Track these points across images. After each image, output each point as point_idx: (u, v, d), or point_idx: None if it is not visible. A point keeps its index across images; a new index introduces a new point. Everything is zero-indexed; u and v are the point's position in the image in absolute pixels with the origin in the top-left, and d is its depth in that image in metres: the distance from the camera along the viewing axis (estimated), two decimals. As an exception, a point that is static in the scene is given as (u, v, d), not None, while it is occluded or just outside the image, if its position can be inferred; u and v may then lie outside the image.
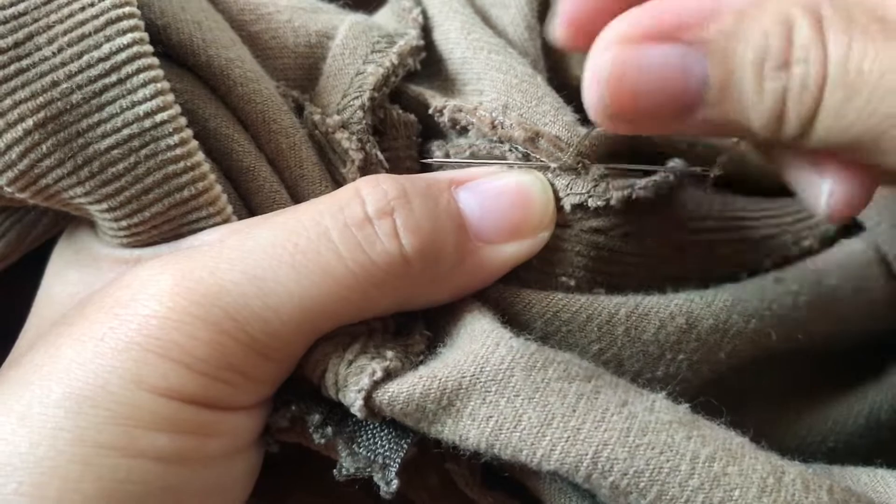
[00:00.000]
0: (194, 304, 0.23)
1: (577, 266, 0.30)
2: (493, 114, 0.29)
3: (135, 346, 0.23)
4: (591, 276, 0.30)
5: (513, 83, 0.30)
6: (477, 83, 0.31)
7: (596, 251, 0.30)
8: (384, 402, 0.25)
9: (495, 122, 0.29)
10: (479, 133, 0.30)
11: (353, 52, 0.31)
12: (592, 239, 0.30)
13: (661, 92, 0.22)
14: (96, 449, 0.22)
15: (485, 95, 0.30)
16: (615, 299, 0.29)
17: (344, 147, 0.29)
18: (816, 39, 0.20)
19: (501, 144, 0.30)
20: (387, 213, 0.26)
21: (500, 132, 0.29)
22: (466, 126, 0.30)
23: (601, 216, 0.29)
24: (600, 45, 0.23)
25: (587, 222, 0.29)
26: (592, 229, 0.29)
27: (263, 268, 0.24)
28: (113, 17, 0.25)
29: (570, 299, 0.29)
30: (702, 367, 0.30)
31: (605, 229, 0.29)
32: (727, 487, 0.23)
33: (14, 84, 0.25)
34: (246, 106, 0.29)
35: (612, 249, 0.30)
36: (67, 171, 0.25)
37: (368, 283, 0.25)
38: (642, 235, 0.30)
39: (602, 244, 0.30)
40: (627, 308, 0.29)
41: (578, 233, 0.30)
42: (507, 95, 0.30)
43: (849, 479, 0.27)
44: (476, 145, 0.30)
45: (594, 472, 0.23)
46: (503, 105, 0.30)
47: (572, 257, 0.30)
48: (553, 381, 0.25)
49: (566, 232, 0.29)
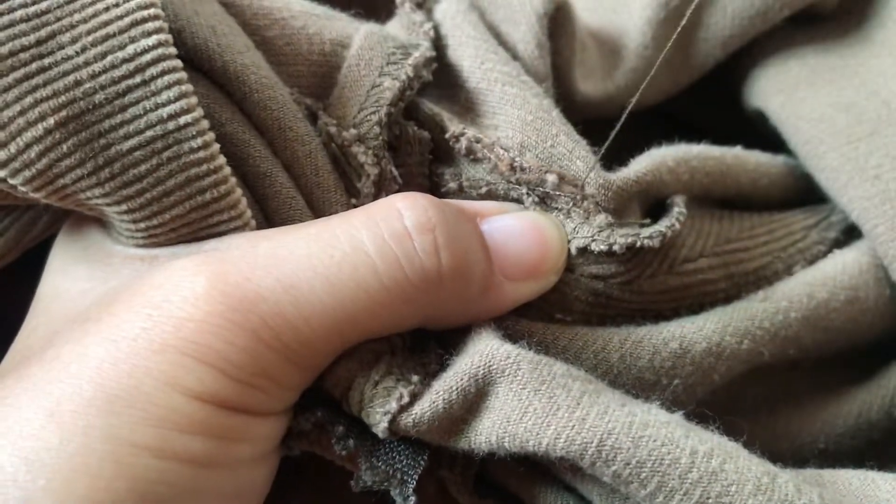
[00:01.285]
0: (231, 310, 0.23)
1: (574, 310, 0.30)
2: (510, 153, 0.30)
3: (170, 348, 0.23)
4: (586, 319, 0.31)
5: (527, 120, 0.30)
6: (492, 118, 0.31)
7: (594, 297, 0.30)
8: (408, 425, 0.26)
9: (514, 164, 0.30)
10: (495, 170, 0.30)
11: (369, 63, 0.31)
12: (592, 285, 0.30)
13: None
14: (129, 448, 0.22)
15: (500, 131, 0.31)
16: (609, 329, 0.30)
17: (360, 161, 0.30)
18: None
19: (518, 186, 0.30)
20: (428, 230, 0.26)
21: (519, 175, 0.30)
22: (481, 159, 0.30)
23: (602, 263, 0.30)
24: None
25: (588, 268, 0.30)
26: (592, 275, 0.30)
27: (299, 277, 0.24)
28: (138, 18, 0.25)
29: (566, 328, 0.29)
30: (696, 389, 0.30)
31: (605, 276, 0.30)
32: (724, 483, 0.23)
33: (35, 82, 0.24)
34: (262, 112, 0.29)
35: (610, 297, 0.30)
36: (87, 171, 0.25)
37: (400, 299, 0.25)
38: (640, 283, 0.30)
39: (601, 291, 0.30)
40: (620, 336, 0.29)
41: (579, 277, 0.30)
42: (522, 133, 0.30)
43: (840, 482, 0.27)
44: (493, 185, 0.30)
45: (598, 459, 0.24)
46: (519, 143, 0.30)
47: (571, 301, 0.30)
48: (558, 377, 0.25)
49: (568, 276, 0.30)
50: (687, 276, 0.31)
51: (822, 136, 0.35)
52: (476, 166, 0.31)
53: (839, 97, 0.36)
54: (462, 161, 0.31)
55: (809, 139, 0.35)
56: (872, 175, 0.33)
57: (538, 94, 0.31)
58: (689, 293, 0.32)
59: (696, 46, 0.38)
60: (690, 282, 0.31)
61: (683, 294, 0.31)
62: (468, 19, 0.34)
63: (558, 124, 0.31)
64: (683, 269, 0.31)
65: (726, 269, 0.32)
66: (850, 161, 0.34)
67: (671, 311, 0.31)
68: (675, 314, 0.31)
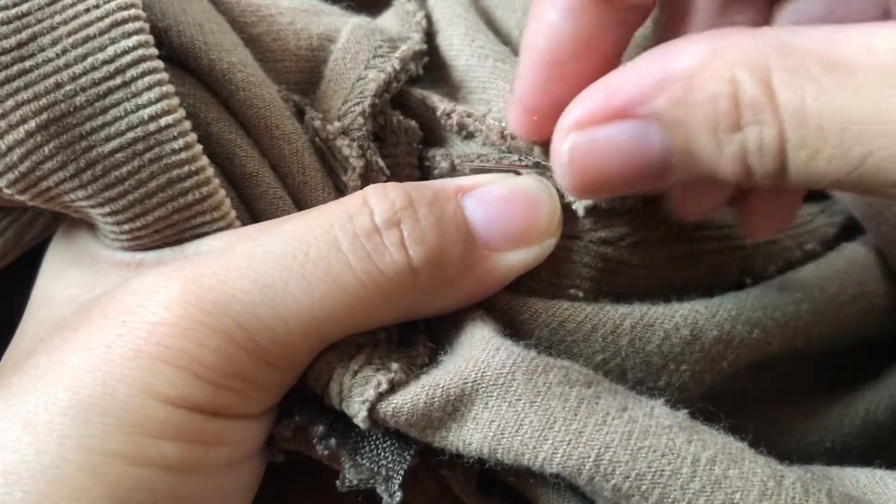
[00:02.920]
0: (203, 313, 0.23)
1: (584, 277, 0.30)
2: (501, 123, 0.29)
3: (143, 353, 0.23)
4: (597, 287, 0.30)
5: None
6: (483, 93, 0.31)
7: (604, 263, 0.30)
8: (388, 414, 0.25)
9: (504, 133, 0.29)
10: (488, 141, 0.30)
11: (355, 56, 0.31)
12: (601, 250, 0.30)
13: (625, 168, 0.23)
14: (104, 457, 0.22)
15: (492, 105, 0.31)
16: (620, 309, 0.29)
17: (344, 154, 0.29)
18: (765, 99, 0.20)
19: (510, 154, 0.30)
20: (394, 224, 0.26)
21: (510, 142, 0.29)
22: (473, 132, 0.30)
23: (610, 226, 0.29)
24: (558, 133, 0.23)
25: (596, 233, 0.30)
26: (601, 240, 0.30)
27: (273, 277, 0.24)
28: (118, 19, 0.25)
29: (575, 308, 0.29)
30: (704, 376, 0.30)
31: (614, 240, 0.30)
32: (728, 490, 0.23)
33: (17, 85, 0.24)
34: (248, 111, 0.29)
35: (620, 261, 0.30)
36: (70, 173, 0.25)
37: (377, 294, 0.25)
38: (649, 246, 0.30)
39: (610, 256, 0.30)
40: (632, 319, 0.29)
41: (587, 244, 0.30)
42: None
43: (847, 480, 0.27)
44: (484, 155, 0.30)
45: (596, 474, 0.24)
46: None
47: (580, 269, 0.30)
48: (554, 386, 0.25)
49: (575, 243, 0.30)
50: (697, 242, 0.31)
51: None
52: (468, 142, 0.31)
53: None
54: (454, 139, 0.31)
55: None
56: None
57: None
58: (701, 263, 0.31)
59: None
60: (702, 249, 0.31)
61: (694, 262, 0.31)
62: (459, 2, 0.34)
63: None
64: (693, 235, 0.31)
65: (735, 242, 0.32)
66: None
67: (683, 284, 0.31)
68: (688, 288, 0.31)
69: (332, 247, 0.25)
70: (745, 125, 0.20)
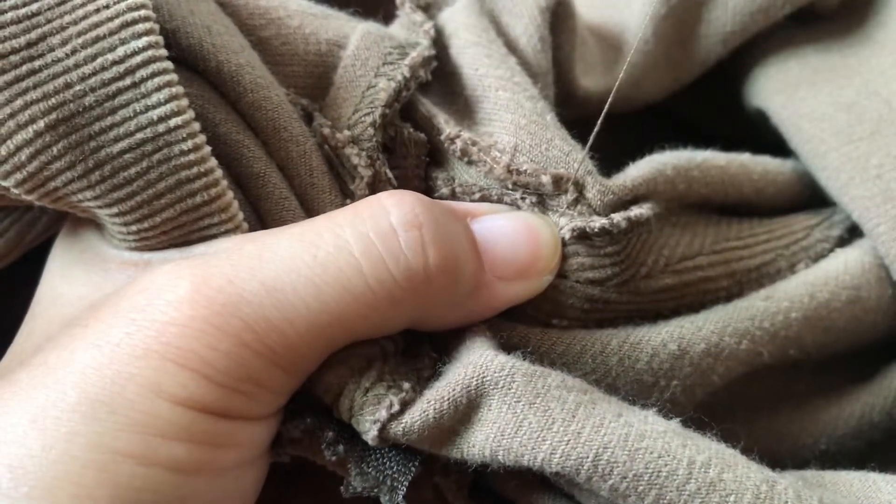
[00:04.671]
0: (214, 314, 0.23)
1: (570, 317, 0.30)
2: (506, 156, 0.29)
3: (153, 353, 0.23)
4: (583, 325, 0.30)
5: (521, 124, 0.30)
6: (488, 125, 0.31)
7: (590, 303, 0.30)
8: (398, 433, 0.25)
9: (511, 167, 0.29)
10: (490, 174, 0.30)
11: (365, 63, 0.31)
12: (588, 291, 0.30)
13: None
14: (112, 455, 0.22)
15: (496, 137, 0.30)
16: (607, 330, 0.29)
17: (353, 163, 0.29)
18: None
19: (512, 192, 0.30)
20: (414, 226, 0.25)
21: (516, 178, 0.29)
22: (476, 161, 0.30)
23: (597, 268, 0.29)
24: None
25: (583, 274, 0.29)
26: (588, 280, 0.30)
27: (282, 279, 0.24)
28: (128, 19, 0.25)
29: (563, 332, 0.29)
30: (695, 390, 0.30)
31: (601, 280, 0.30)
32: (723, 493, 0.23)
33: (26, 84, 0.24)
34: (256, 113, 0.29)
35: (607, 301, 0.30)
36: (78, 174, 0.25)
37: (386, 300, 0.25)
38: (637, 283, 0.30)
39: (597, 297, 0.30)
40: (619, 339, 0.29)
41: (574, 284, 0.30)
42: (516, 137, 0.30)
43: (841, 485, 0.27)
44: (486, 189, 0.30)
45: (594, 474, 0.24)
46: (513, 147, 0.30)
47: (565, 309, 0.30)
48: (553, 389, 0.25)
49: (563, 283, 0.30)
50: (686, 273, 0.31)
51: (823, 136, 0.34)
52: (470, 170, 0.31)
53: (840, 97, 0.35)
54: (456, 164, 0.31)
55: (810, 139, 0.35)
56: (874, 174, 0.33)
57: (532, 96, 0.31)
58: (690, 291, 0.31)
59: (697, 42, 0.38)
60: (690, 279, 0.31)
61: (683, 293, 0.31)
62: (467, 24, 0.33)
63: (553, 128, 0.30)
64: (682, 267, 0.31)
65: (727, 267, 0.32)
66: (851, 161, 0.33)
67: (671, 311, 0.31)
68: (675, 314, 0.31)
69: (343, 250, 0.25)
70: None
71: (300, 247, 0.25)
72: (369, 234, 0.25)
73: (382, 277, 0.25)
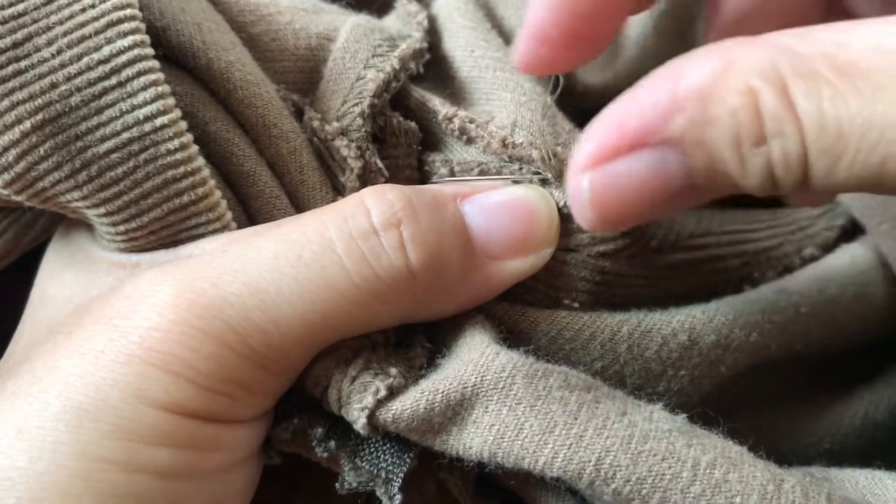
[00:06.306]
0: (196, 317, 0.23)
1: (581, 290, 0.30)
2: (503, 131, 0.29)
3: (136, 359, 0.23)
4: (594, 299, 0.30)
5: (521, 101, 0.30)
6: (486, 104, 0.31)
7: (602, 276, 0.30)
8: (388, 420, 0.25)
9: (507, 141, 0.29)
10: (489, 149, 0.29)
11: (354, 55, 0.31)
12: (599, 264, 0.29)
13: (647, 197, 0.22)
14: (97, 463, 0.22)
15: (494, 114, 0.30)
16: (618, 316, 0.29)
17: (343, 155, 0.29)
18: (785, 109, 0.19)
19: (511, 163, 0.29)
20: (393, 225, 0.25)
21: (512, 151, 0.29)
22: (474, 138, 0.30)
23: (608, 241, 0.29)
24: (573, 171, 0.23)
25: (594, 247, 0.29)
26: (599, 254, 0.29)
27: (266, 280, 0.24)
28: (114, 18, 0.25)
29: (573, 317, 0.29)
30: (703, 381, 0.30)
31: (612, 253, 0.29)
32: (728, 494, 0.23)
33: (12, 85, 0.24)
34: (246, 110, 0.29)
35: (618, 273, 0.30)
36: (65, 174, 0.25)
37: (372, 297, 0.25)
38: (647, 256, 0.30)
39: (608, 269, 0.29)
40: (630, 326, 0.29)
41: (585, 258, 0.29)
42: (515, 114, 0.29)
43: (847, 481, 0.27)
44: (484, 163, 0.30)
45: (597, 478, 0.23)
46: (512, 123, 0.29)
47: (577, 282, 0.30)
48: (554, 390, 0.25)
49: (573, 257, 0.29)
50: (696, 251, 0.31)
51: None
52: (468, 148, 0.30)
53: None
54: (453, 144, 0.31)
55: None
56: None
57: (531, 77, 0.31)
58: (700, 270, 0.31)
59: (696, 39, 0.37)
60: (700, 257, 0.31)
61: (693, 271, 0.31)
62: (462, 9, 0.33)
63: (553, 107, 0.30)
64: (692, 244, 0.31)
65: (736, 248, 0.32)
66: None
67: (683, 292, 0.31)
68: (686, 298, 0.30)
69: (327, 249, 0.25)
70: (770, 138, 0.20)
71: (285, 247, 0.25)
72: (352, 234, 0.25)
73: (367, 276, 0.25)
